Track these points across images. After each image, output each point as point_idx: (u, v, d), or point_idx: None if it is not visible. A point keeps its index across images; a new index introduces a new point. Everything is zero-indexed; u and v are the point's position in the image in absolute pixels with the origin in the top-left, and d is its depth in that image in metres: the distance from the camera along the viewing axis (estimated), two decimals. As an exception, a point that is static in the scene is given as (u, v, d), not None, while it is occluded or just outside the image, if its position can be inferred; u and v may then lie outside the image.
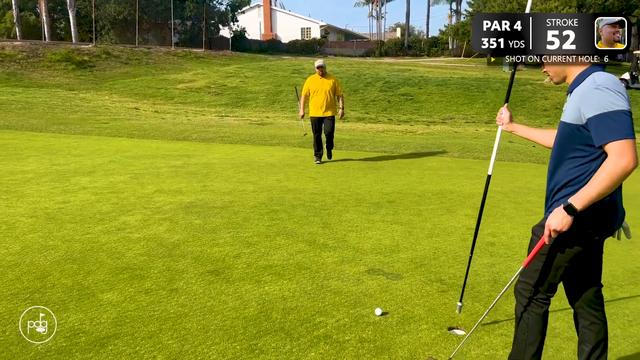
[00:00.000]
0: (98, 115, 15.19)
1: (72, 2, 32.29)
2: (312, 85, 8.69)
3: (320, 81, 8.63)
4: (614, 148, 1.94)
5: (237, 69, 28.39)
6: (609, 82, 2.05)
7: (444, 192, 6.55)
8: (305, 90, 8.83)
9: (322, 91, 8.58)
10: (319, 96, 8.60)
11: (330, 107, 8.66)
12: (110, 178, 7.01)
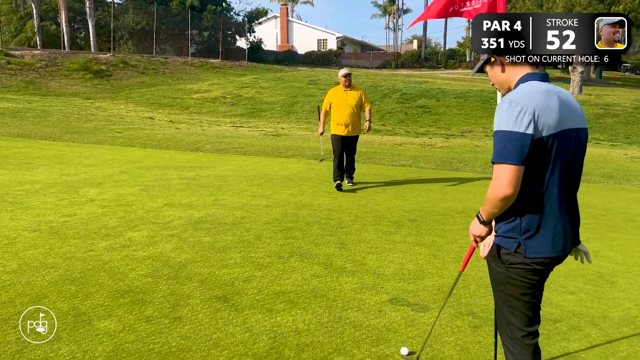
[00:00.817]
0: (112, 125, 15.09)
1: (92, 12, 32.61)
2: (335, 98, 7.39)
3: (344, 94, 7.33)
4: (495, 171, 1.91)
5: (253, 80, 28.31)
6: (522, 95, 1.92)
7: (468, 211, 6.18)
8: (327, 104, 7.51)
9: (347, 106, 7.25)
10: (342, 111, 7.27)
11: (355, 125, 7.37)
12: (120, 190, 6.77)
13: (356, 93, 7.35)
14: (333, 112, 7.41)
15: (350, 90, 7.35)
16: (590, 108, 22.24)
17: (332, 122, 7.43)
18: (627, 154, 13.84)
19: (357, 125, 7.40)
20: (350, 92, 7.33)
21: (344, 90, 7.36)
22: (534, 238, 1.97)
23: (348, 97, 7.32)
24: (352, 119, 7.29)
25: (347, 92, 7.34)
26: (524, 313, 2.08)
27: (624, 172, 10.21)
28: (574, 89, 26.24)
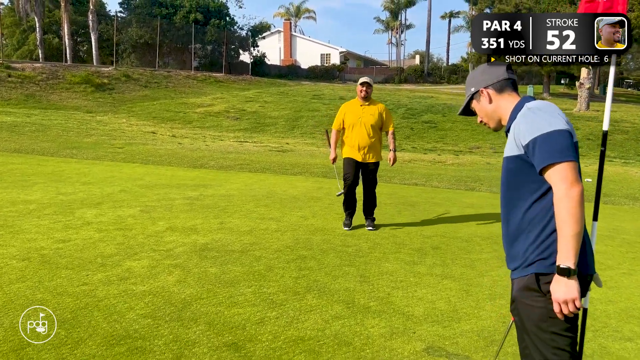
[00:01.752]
0: (113, 139, 14.71)
1: (95, 26, 32.47)
2: (349, 114, 5.87)
3: (359, 110, 5.85)
4: (556, 173, 1.74)
5: (257, 94, 28.04)
6: (541, 104, 1.88)
7: (493, 237, 5.73)
8: (338, 122, 5.99)
9: (363, 125, 5.78)
10: (357, 132, 5.80)
11: (374, 149, 5.85)
12: (119, 211, 6.34)
13: (375, 109, 5.85)
14: (347, 132, 5.92)
15: (368, 105, 5.86)
16: (599, 124, 21.85)
17: (346, 143, 5.96)
18: (645, 173, 13.42)
19: (376, 149, 5.88)
20: (368, 108, 5.84)
21: (361, 105, 5.86)
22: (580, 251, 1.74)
23: (365, 113, 5.81)
24: (370, 141, 5.79)
25: (364, 107, 5.84)
26: (571, 353, 1.80)
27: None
28: (581, 105, 25.90)
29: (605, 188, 9.92)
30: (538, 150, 1.77)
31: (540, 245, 1.82)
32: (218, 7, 37.70)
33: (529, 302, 1.83)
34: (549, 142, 1.76)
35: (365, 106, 5.88)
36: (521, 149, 1.84)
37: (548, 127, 1.77)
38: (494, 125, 2.10)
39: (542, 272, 1.79)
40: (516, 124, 1.89)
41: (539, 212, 1.83)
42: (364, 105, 5.88)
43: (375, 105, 5.93)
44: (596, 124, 21.97)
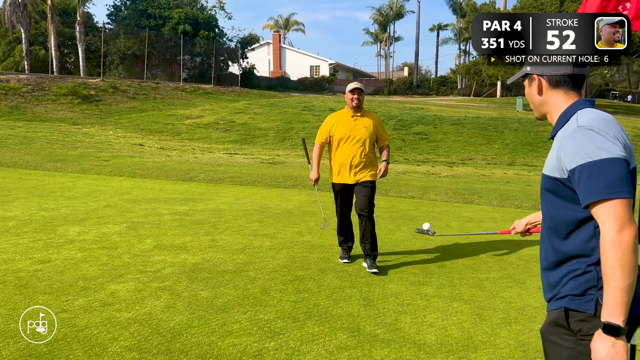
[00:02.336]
0: (99, 152, 14.32)
1: (82, 37, 32.10)
2: (339, 127, 4.91)
3: (351, 122, 4.89)
4: (604, 211, 1.46)
5: (246, 105, 27.78)
6: (595, 121, 1.58)
7: (499, 253, 5.47)
8: (323, 135, 5.01)
9: (355, 139, 4.85)
10: (349, 148, 4.85)
11: (369, 166, 4.90)
12: (104, 228, 6.00)
13: (369, 121, 4.91)
14: (335, 148, 4.94)
15: (361, 117, 4.92)
16: (590, 135, 21.87)
17: (333, 164, 4.96)
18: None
19: (370, 166, 4.92)
20: (361, 120, 4.90)
21: (352, 116, 4.91)
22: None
23: (358, 126, 4.87)
24: (365, 159, 4.86)
25: (356, 118, 4.90)
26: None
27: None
28: (572, 116, 25.94)
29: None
30: (585, 182, 1.50)
31: (575, 278, 1.59)
32: (207, 18, 37.53)
33: (556, 339, 1.61)
34: (598, 173, 1.49)
35: (358, 117, 4.91)
36: (564, 172, 1.59)
37: (600, 153, 1.50)
38: (538, 116, 1.90)
39: (573, 308, 1.57)
40: (563, 138, 1.62)
41: (579, 242, 1.60)
42: (356, 116, 4.91)
43: (369, 116, 4.99)
44: (587, 135, 21.98)
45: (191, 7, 37.79)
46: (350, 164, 4.86)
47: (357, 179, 4.87)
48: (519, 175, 14.02)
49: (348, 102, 4.94)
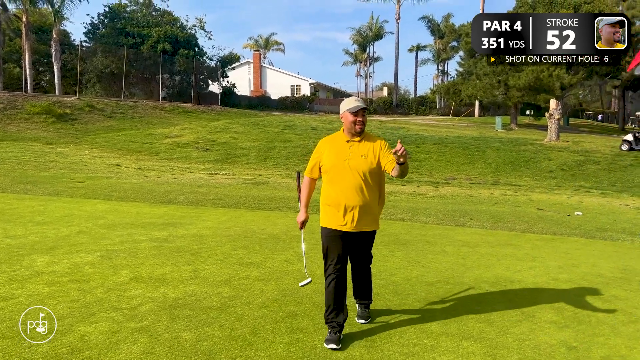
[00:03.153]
0: (74, 173, 13.73)
1: (58, 55, 31.44)
2: (331, 155, 3.74)
3: (346, 148, 3.70)
4: None
5: (227, 124, 27.38)
6: None
7: (502, 282, 5.16)
8: (314, 165, 3.85)
9: (353, 171, 3.65)
10: (344, 182, 3.67)
11: (369, 210, 3.71)
12: (75, 257, 5.52)
13: (369, 148, 3.66)
14: (326, 181, 3.77)
15: (359, 142, 3.69)
16: (570, 155, 22.02)
17: (323, 201, 3.79)
18: (628, 204, 13.24)
19: (373, 212, 3.74)
20: (359, 146, 3.67)
21: (348, 141, 3.70)
22: None
23: (355, 154, 3.65)
24: (364, 198, 3.64)
25: (353, 144, 3.69)
26: None
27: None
28: (552, 135, 26.20)
29: (597, 222, 9.57)
30: None
31: None
32: (187, 37, 37.19)
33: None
34: None
35: (354, 144, 3.67)
36: None
37: None
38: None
39: None
40: None
41: None
42: (352, 142, 3.68)
43: (369, 141, 3.70)
44: (568, 154, 22.11)
45: (171, 26, 37.44)
46: (346, 205, 3.62)
47: (353, 227, 3.65)
48: (506, 195, 13.87)
49: (347, 125, 3.65)
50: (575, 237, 8.08)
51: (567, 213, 10.62)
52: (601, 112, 66.22)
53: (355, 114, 3.65)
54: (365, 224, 3.71)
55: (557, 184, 18.10)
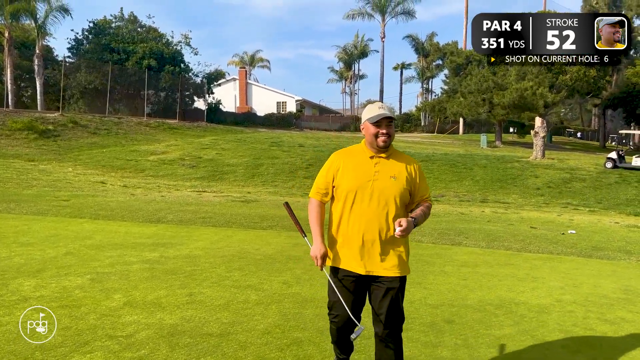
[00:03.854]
0: (58, 191, 13.39)
1: (41, 70, 31.05)
2: (349, 172, 2.96)
3: (369, 165, 2.95)
4: None
5: (213, 141, 27.17)
6: None
7: (506, 304, 5.05)
8: (324, 186, 3.03)
9: (375, 194, 2.89)
10: (362, 209, 2.90)
11: (398, 248, 2.92)
12: (64, 281, 5.28)
13: (401, 168, 2.95)
14: (340, 207, 2.98)
15: (386, 159, 2.95)
16: (557, 172, 22.23)
17: (333, 235, 3.00)
18: (618, 222, 13.31)
19: (400, 247, 2.94)
20: (386, 164, 2.95)
21: (372, 157, 2.96)
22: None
23: (381, 173, 2.92)
24: (389, 229, 2.88)
25: (378, 161, 2.95)
26: None
27: (636, 245, 9.43)
28: (537, 153, 26.48)
29: (592, 240, 9.57)
30: None
31: None
32: (172, 53, 37.07)
33: None
34: None
35: (382, 160, 2.92)
36: None
37: None
38: None
39: None
40: None
41: None
42: (378, 157, 2.93)
43: (400, 159, 2.98)
44: (554, 171, 22.31)
45: (156, 42, 37.29)
46: (364, 239, 2.84)
47: (374, 270, 2.85)
48: (497, 213, 13.87)
49: (369, 138, 2.92)
50: (572, 256, 8.04)
51: (560, 231, 10.62)
52: (582, 129, 67.47)
53: (378, 125, 2.87)
54: (391, 266, 2.85)
55: (545, 201, 18.20)
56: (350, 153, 3.06)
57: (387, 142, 2.90)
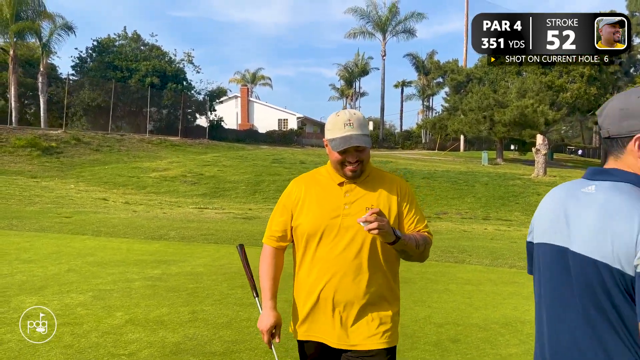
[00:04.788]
0: (60, 208, 13.40)
1: (45, 88, 31.27)
2: (315, 205, 2.13)
3: (337, 194, 2.12)
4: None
5: (215, 158, 27.23)
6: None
7: (512, 322, 5.00)
8: (280, 228, 2.24)
9: (348, 235, 2.05)
10: (336, 254, 2.06)
11: (381, 309, 2.08)
12: (66, 298, 5.26)
13: (382, 193, 2.13)
14: (300, 256, 2.25)
15: (359, 186, 2.13)
16: (558, 189, 22.19)
17: (298, 292, 2.31)
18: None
19: (384, 308, 2.10)
20: (364, 191, 2.13)
21: (342, 184, 2.14)
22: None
23: (357, 205, 2.10)
24: (367, 285, 2.06)
25: (351, 188, 2.13)
26: None
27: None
28: (539, 171, 26.49)
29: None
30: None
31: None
32: (175, 71, 37.36)
33: None
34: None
35: (354, 187, 2.14)
36: (626, 265, 1.19)
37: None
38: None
39: None
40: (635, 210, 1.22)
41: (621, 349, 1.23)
42: (349, 183, 2.14)
43: (382, 182, 2.18)
44: (556, 189, 22.29)
45: (159, 60, 37.61)
46: (334, 298, 2.08)
47: (351, 341, 2.08)
48: (500, 230, 13.82)
49: (333, 164, 2.14)
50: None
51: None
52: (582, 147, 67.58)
53: (343, 153, 2.04)
54: (374, 335, 2.05)
55: (547, 218, 18.15)
56: (312, 180, 2.22)
57: (356, 171, 2.07)
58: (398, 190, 2.17)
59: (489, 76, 37.16)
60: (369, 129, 2.25)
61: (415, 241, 2.05)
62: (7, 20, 29.39)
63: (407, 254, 2.08)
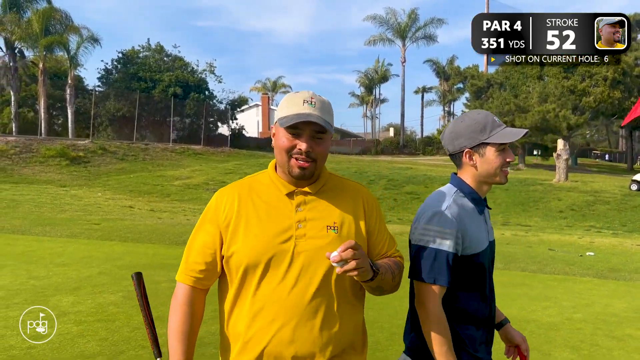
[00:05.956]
0: (89, 215, 13.98)
1: (72, 99, 32.35)
2: (254, 226, 1.57)
3: (285, 208, 1.59)
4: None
5: (236, 166, 27.79)
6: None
7: (518, 321, 5.22)
8: (201, 261, 1.67)
9: (308, 262, 1.53)
10: (286, 292, 1.52)
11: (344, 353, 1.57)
12: (99, 298, 5.67)
13: (346, 208, 1.63)
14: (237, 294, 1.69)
15: (320, 195, 1.63)
16: (580, 195, 22.09)
17: (234, 343, 1.76)
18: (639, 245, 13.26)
19: (350, 358, 1.63)
20: (322, 205, 1.61)
21: (291, 194, 1.62)
22: None
23: (313, 223, 1.58)
24: (329, 330, 1.55)
25: (305, 199, 1.61)
26: None
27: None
28: (560, 175, 26.34)
29: (609, 262, 9.62)
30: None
31: None
32: (197, 81, 38.22)
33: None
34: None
35: (310, 198, 1.62)
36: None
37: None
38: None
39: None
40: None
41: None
42: (301, 193, 1.62)
43: (344, 195, 1.67)
44: (578, 194, 22.18)
45: (182, 71, 38.53)
46: (283, 355, 1.58)
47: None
48: (517, 235, 13.93)
49: (280, 157, 1.62)
50: (588, 277, 8.13)
51: (579, 253, 10.67)
52: (609, 151, 66.54)
53: (295, 132, 1.57)
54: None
55: (568, 224, 18.12)
56: (249, 189, 1.67)
57: (307, 168, 1.56)
58: (364, 204, 1.66)
59: (510, 81, 37.02)
60: (333, 121, 1.64)
61: (391, 272, 1.59)
62: (37, 34, 30.56)
63: (382, 289, 1.59)
